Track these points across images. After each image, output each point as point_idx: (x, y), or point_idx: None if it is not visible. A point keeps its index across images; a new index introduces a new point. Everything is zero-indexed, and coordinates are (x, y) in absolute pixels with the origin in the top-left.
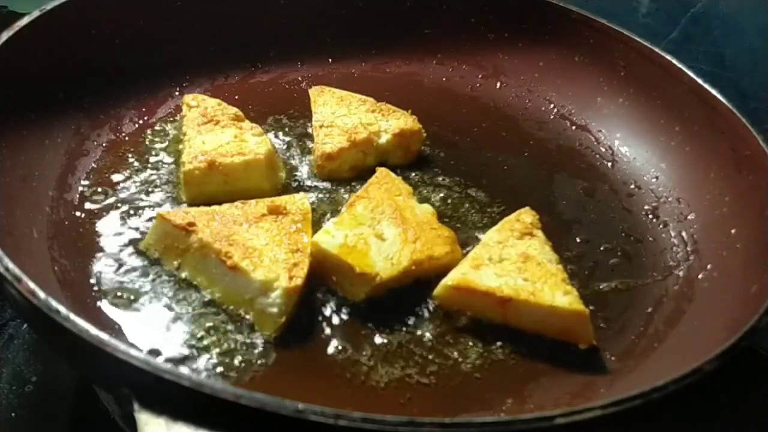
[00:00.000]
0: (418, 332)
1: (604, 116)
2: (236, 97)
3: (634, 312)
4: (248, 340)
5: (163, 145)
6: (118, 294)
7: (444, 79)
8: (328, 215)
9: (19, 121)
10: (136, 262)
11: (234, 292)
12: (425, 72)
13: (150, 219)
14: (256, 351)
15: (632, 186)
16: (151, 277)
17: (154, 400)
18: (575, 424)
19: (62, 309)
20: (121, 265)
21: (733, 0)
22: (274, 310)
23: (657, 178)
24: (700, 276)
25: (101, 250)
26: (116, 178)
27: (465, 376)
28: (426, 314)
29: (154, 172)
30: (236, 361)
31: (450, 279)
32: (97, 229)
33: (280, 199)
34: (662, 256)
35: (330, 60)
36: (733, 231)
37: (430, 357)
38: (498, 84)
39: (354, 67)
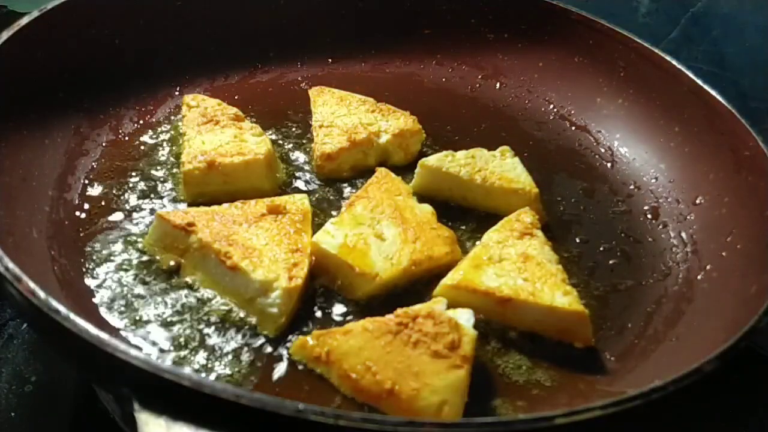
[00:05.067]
0: None
1: (603, 117)
2: (236, 97)
3: (634, 312)
4: (248, 340)
5: (163, 145)
6: (118, 294)
7: (444, 79)
8: (328, 215)
9: (19, 121)
10: (136, 262)
11: (234, 292)
12: (425, 72)
13: (150, 219)
14: (257, 351)
15: (632, 186)
16: (150, 277)
17: (154, 400)
18: (575, 424)
19: (62, 309)
20: (121, 265)
21: (733, 0)
22: (274, 310)
23: (656, 178)
24: (699, 276)
25: (101, 250)
26: (116, 177)
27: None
28: None
29: (154, 172)
30: (236, 361)
31: (450, 279)
32: (96, 229)
33: (279, 199)
34: (662, 256)
35: (330, 60)
36: (732, 232)
37: None
38: (497, 84)
39: (354, 67)
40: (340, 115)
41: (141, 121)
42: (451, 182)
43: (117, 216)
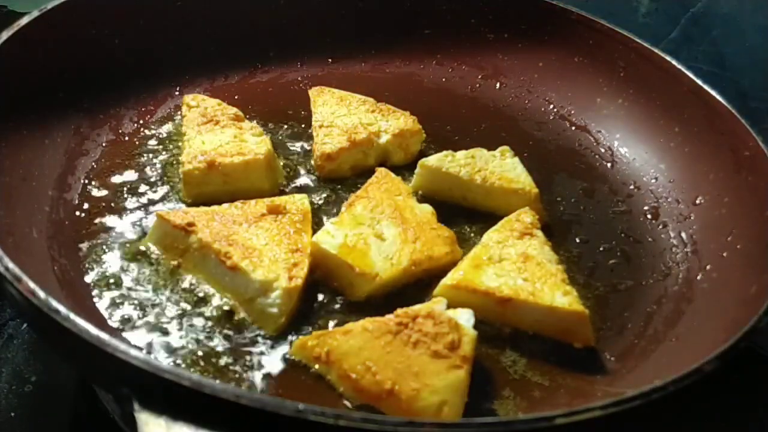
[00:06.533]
0: None
1: (603, 117)
2: (236, 97)
3: (634, 312)
4: (248, 340)
5: (163, 145)
6: (118, 294)
7: (444, 79)
8: (328, 215)
9: (19, 121)
10: (136, 262)
11: (234, 292)
12: (425, 72)
13: (150, 219)
14: (257, 351)
15: (631, 186)
16: (150, 277)
17: (154, 400)
18: (575, 424)
19: (62, 309)
20: (120, 265)
21: (733, 0)
22: (274, 310)
23: (656, 178)
24: (699, 277)
25: (101, 250)
26: (116, 177)
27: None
28: None
29: (154, 172)
30: (237, 361)
31: (450, 279)
32: (96, 229)
33: (279, 199)
34: (661, 256)
35: (330, 60)
36: (732, 232)
37: None
38: (498, 84)
39: (354, 67)
40: (340, 115)
41: (141, 121)
42: (451, 182)
43: (117, 216)
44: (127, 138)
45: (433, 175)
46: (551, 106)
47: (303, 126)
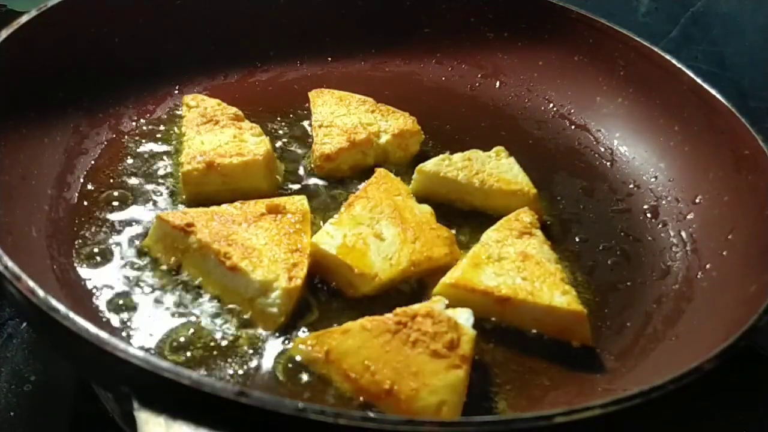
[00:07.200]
0: None
1: (603, 116)
2: (236, 97)
3: (633, 311)
4: (248, 340)
5: (162, 145)
6: (118, 293)
7: (443, 78)
8: (327, 215)
9: (19, 119)
10: (136, 262)
11: (234, 292)
12: (425, 72)
13: (149, 219)
14: (256, 350)
15: (631, 185)
16: (150, 277)
17: (154, 400)
18: (575, 424)
19: (61, 307)
20: (120, 265)
21: (733, 0)
22: (274, 310)
23: (656, 177)
24: (699, 275)
25: (100, 249)
26: (115, 177)
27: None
28: None
29: (153, 171)
30: (236, 361)
31: (449, 278)
32: (96, 229)
33: (278, 199)
34: (661, 255)
35: (330, 60)
36: (732, 231)
37: None
38: (497, 83)
39: (354, 67)
40: (340, 115)
41: (140, 120)
42: (449, 186)
43: (116, 215)
44: (126, 137)
45: (431, 180)
46: (551, 105)
47: (303, 126)
